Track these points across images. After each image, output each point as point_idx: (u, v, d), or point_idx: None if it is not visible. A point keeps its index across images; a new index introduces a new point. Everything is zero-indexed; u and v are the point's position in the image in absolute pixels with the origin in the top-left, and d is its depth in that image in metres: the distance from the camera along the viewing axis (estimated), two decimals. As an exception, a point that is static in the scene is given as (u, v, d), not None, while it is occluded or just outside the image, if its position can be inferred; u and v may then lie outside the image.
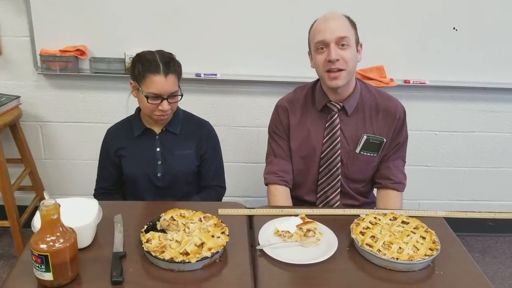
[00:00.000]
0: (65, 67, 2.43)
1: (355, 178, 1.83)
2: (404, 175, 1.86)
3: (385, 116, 1.77)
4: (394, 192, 1.82)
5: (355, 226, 1.45)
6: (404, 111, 1.80)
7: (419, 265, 1.32)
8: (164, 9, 2.38)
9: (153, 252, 1.27)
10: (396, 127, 1.78)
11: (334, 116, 1.76)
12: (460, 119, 2.74)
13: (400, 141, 1.82)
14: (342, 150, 1.77)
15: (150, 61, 1.69)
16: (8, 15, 2.40)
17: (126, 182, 1.91)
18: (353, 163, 1.80)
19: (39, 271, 1.16)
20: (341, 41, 1.61)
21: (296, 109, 1.82)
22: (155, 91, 1.68)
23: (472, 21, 2.46)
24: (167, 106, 1.71)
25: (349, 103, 1.75)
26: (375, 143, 1.77)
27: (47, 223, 1.16)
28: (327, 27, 1.62)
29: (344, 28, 1.63)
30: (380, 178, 1.84)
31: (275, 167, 1.85)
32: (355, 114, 1.77)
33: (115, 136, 1.89)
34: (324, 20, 1.66)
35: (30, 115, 2.60)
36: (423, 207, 2.95)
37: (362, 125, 1.77)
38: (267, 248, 1.37)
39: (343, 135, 1.77)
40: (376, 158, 1.81)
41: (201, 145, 1.90)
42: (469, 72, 2.56)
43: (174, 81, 1.71)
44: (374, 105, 1.77)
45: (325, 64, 1.64)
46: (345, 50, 1.62)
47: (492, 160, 2.86)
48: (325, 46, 1.63)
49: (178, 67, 1.74)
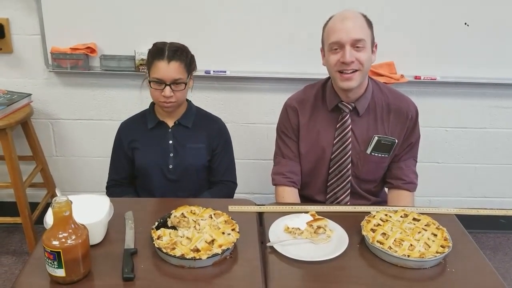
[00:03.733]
0: (75, 65, 2.45)
1: (365, 178, 1.81)
2: (415, 174, 1.84)
3: (397, 116, 1.74)
4: (405, 192, 1.80)
5: (365, 223, 1.45)
6: (416, 111, 1.77)
7: (430, 262, 1.31)
8: (174, 6, 2.38)
9: (164, 249, 1.27)
10: (409, 127, 1.75)
11: (346, 117, 1.73)
12: (471, 115, 2.71)
13: (412, 141, 1.80)
14: (352, 151, 1.75)
15: (159, 49, 1.74)
16: (19, 14, 2.41)
17: (138, 174, 1.93)
18: (364, 164, 1.77)
19: (52, 268, 1.17)
20: (357, 44, 1.57)
21: (306, 109, 1.79)
22: (158, 75, 1.72)
23: (484, 17, 2.43)
24: (169, 92, 1.73)
25: (361, 104, 1.72)
26: (387, 144, 1.74)
27: (59, 219, 1.17)
28: (343, 28, 1.57)
29: (361, 30, 1.59)
30: (392, 178, 1.83)
31: (283, 168, 1.82)
32: (367, 114, 1.74)
33: (128, 129, 1.91)
34: (340, 19, 1.60)
35: (41, 113, 2.62)
36: (434, 204, 2.93)
37: (374, 126, 1.74)
38: (277, 245, 1.37)
39: (354, 136, 1.74)
40: (387, 159, 1.78)
41: (213, 140, 1.91)
42: (480, 68, 2.53)
43: (178, 68, 1.73)
44: (386, 105, 1.74)
45: (338, 65, 1.61)
46: (360, 52, 1.58)
47: (504, 156, 2.83)
48: (340, 47, 1.59)
49: (186, 57, 1.76)
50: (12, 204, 2.48)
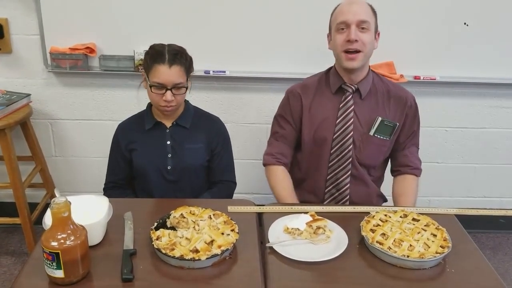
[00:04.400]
0: (74, 65, 2.44)
1: (366, 162, 1.86)
2: (419, 160, 1.95)
3: (397, 102, 1.84)
4: (412, 177, 1.91)
5: (365, 223, 1.45)
6: (415, 100, 1.88)
7: (430, 263, 1.31)
8: (173, 6, 2.38)
9: (163, 250, 1.27)
10: (408, 114, 1.85)
11: (348, 97, 1.80)
12: (470, 115, 2.71)
13: (414, 129, 1.91)
14: (355, 133, 1.81)
15: (158, 52, 1.72)
16: (18, 14, 2.41)
17: (136, 175, 1.92)
18: (366, 146, 1.83)
19: (50, 269, 1.17)
20: (362, 25, 1.68)
21: (309, 93, 1.87)
22: (159, 80, 1.71)
23: (483, 17, 2.43)
24: (171, 97, 1.72)
25: (363, 86, 1.81)
26: (389, 126, 1.81)
27: (58, 220, 1.16)
28: (350, 10, 1.70)
29: (366, 13, 1.71)
30: (399, 166, 1.92)
31: (273, 149, 1.92)
32: (369, 97, 1.82)
33: (126, 130, 1.91)
34: (348, 3, 1.73)
35: (40, 113, 2.62)
36: (434, 204, 2.93)
37: (376, 109, 1.82)
38: (277, 245, 1.37)
39: (357, 117, 1.81)
40: (388, 142, 1.85)
41: (212, 140, 1.90)
42: (480, 68, 2.53)
43: (179, 72, 1.72)
44: (386, 92, 1.84)
45: (343, 44, 1.70)
46: (365, 33, 1.69)
47: (503, 156, 2.83)
48: (347, 26, 1.69)
49: (185, 60, 1.75)
50: (11, 204, 2.48)
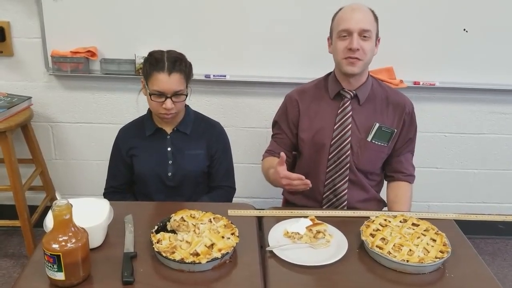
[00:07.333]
0: (76, 68, 2.45)
1: (364, 168, 1.85)
2: (413, 167, 1.94)
3: (395, 108, 1.83)
4: (406, 183, 1.90)
5: (365, 228, 1.45)
6: (413, 107, 1.87)
7: (429, 268, 1.31)
8: (174, 11, 2.39)
9: (164, 253, 1.27)
10: (406, 120, 1.84)
11: (347, 103, 1.80)
12: (470, 121, 2.72)
13: (411, 136, 1.89)
14: (353, 138, 1.80)
15: (157, 60, 1.71)
16: (20, 17, 2.42)
17: (136, 181, 1.92)
18: (363, 152, 1.82)
19: (51, 271, 1.18)
20: (364, 33, 1.68)
21: (306, 98, 1.87)
22: (158, 88, 1.70)
23: (483, 23, 2.44)
24: (170, 104, 1.71)
25: (362, 92, 1.80)
26: (387, 132, 1.81)
27: (59, 223, 1.17)
28: (353, 17, 1.69)
29: (369, 21, 1.70)
30: (393, 171, 1.91)
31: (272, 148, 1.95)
32: (367, 104, 1.82)
33: (127, 136, 1.90)
34: (350, 9, 1.72)
35: (41, 116, 2.63)
36: (433, 209, 2.94)
37: (373, 115, 1.82)
38: (276, 249, 1.37)
39: (355, 123, 1.81)
40: (386, 149, 1.84)
41: (212, 145, 1.90)
42: (479, 74, 2.54)
43: (178, 80, 1.71)
44: (384, 98, 1.83)
45: (345, 51, 1.70)
46: (366, 42, 1.69)
47: (502, 162, 2.83)
48: (349, 34, 1.69)
49: (185, 67, 1.74)
50: (11, 207, 2.48)
